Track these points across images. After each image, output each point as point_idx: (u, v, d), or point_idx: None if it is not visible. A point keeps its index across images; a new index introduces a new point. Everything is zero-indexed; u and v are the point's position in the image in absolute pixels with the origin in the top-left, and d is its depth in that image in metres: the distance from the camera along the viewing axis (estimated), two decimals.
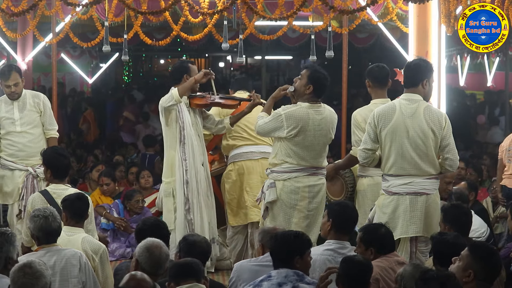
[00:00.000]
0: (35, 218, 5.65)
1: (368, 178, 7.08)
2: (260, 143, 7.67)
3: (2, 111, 8.19)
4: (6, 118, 8.16)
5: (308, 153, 6.81)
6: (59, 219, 5.73)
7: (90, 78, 20.41)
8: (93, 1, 8.62)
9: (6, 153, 8.15)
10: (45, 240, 5.66)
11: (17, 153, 8.11)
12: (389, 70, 7.30)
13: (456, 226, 5.98)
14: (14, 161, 8.10)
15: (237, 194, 7.72)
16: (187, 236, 5.70)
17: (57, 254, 5.60)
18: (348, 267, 4.89)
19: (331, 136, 6.96)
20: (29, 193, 7.87)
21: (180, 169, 7.34)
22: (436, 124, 6.19)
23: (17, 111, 8.16)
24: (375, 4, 8.97)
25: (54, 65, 10.98)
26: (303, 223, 6.83)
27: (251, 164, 7.66)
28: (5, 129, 8.16)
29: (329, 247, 5.77)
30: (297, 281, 5.01)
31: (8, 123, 8.15)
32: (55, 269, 5.52)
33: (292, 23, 10.34)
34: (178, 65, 7.92)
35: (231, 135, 7.72)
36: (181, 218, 7.29)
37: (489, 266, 4.55)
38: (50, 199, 6.76)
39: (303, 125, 6.77)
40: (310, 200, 6.84)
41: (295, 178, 6.82)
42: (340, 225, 5.79)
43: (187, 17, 9.80)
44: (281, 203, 6.84)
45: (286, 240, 5.18)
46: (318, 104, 6.87)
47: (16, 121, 8.14)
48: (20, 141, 8.10)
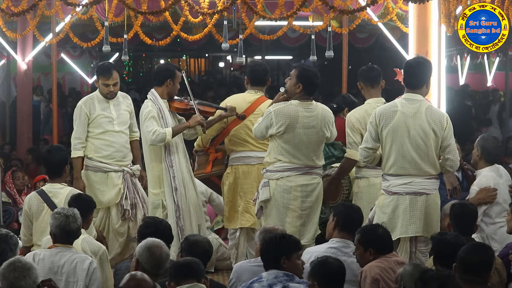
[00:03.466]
0: (57, 215, 5.68)
1: (364, 180, 7.05)
2: (257, 149, 7.63)
3: (97, 109, 7.87)
4: (104, 116, 7.85)
5: (300, 151, 6.80)
6: (80, 221, 5.73)
7: (90, 78, 20.40)
8: (93, 1, 8.61)
9: (101, 155, 7.83)
10: (61, 239, 5.67)
11: (114, 154, 7.84)
12: (380, 71, 7.29)
13: (459, 226, 5.94)
14: (110, 163, 7.83)
15: (232, 197, 7.70)
16: (189, 236, 5.72)
17: (68, 255, 5.60)
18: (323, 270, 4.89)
19: (327, 135, 6.90)
20: (131, 191, 7.79)
21: (168, 176, 7.34)
22: (437, 124, 6.19)
23: (114, 109, 7.89)
24: (375, 4, 8.98)
25: (54, 65, 11.00)
26: (297, 222, 6.81)
27: (247, 169, 7.62)
28: (102, 128, 7.84)
29: (333, 245, 5.80)
30: (287, 281, 5.03)
31: (106, 122, 7.85)
32: (63, 270, 5.54)
33: (292, 23, 10.35)
34: (164, 67, 7.86)
35: (231, 140, 7.70)
36: (173, 226, 7.28)
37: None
38: (46, 198, 6.78)
39: (291, 122, 6.76)
40: (303, 200, 6.82)
41: (287, 177, 6.81)
42: (344, 224, 5.84)
43: (187, 17, 9.81)
44: (274, 202, 6.83)
45: (272, 242, 5.23)
46: (308, 102, 6.86)
47: (114, 120, 7.86)
48: (118, 141, 7.83)
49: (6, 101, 16.61)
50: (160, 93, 7.52)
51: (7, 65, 16.59)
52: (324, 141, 6.95)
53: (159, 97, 7.48)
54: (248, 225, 7.58)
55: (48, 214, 6.62)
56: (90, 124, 7.91)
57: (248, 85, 7.75)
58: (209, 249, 5.57)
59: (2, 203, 8.59)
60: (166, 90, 7.54)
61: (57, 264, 5.55)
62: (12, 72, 16.32)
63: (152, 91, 7.55)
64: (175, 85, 7.56)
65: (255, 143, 7.53)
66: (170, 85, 7.53)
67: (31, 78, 14.11)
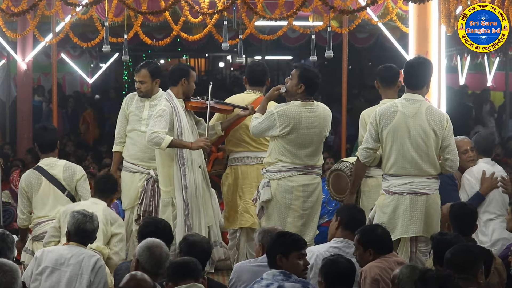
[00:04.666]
0: (76, 213, 5.85)
1: (373, 179, 7.02)
2: (256, 150, 7.62)
3: (133, 106, 7.84)
4: (135, 114, 7.79)
5: (302, 151, 6.82)
6: (97, 224, 5.88)
7: (90, 78, 20.42)
8: (93, 1, 8.61)
9: (128, 154, 7.80)
10: (75, 237, 5.81)
11: (138, 154, 7.74)
12: (397, 70, 7.17)
13: (459, 226, 5.95)
14: (136, 163, 7.75)
15: (231, 198, 7.69)
16: (187, 236, 5.68)
17: (77, 250, 5.75)
18: (332, 269, 4.90)
19: (326, 134, 6.96)
20: (148, 197, 7.60)
21: (178, 175, 7.31)
22: (437, 124, 6.19)
23: (147, 110, 7.74)
24: (375, 4, 8.97)
25: (54, 65, 11.00)
26: (298, 222, 6.82)
27: (246, 169, 7.62)
28: (130, 126, 7.81)
29: (335, 245, 5.81)
30: (282, 280, 4.99)
31: (135, 120, 7.78)
32: (70, 262, 5.70)
33: (292, 23, 10.35)
34: (179, 67, 7.85)
35: (230, 140, 7.69)
36: (181, 224, 7.26)
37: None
38: (43, 171, 7.04)
39: (296, 123, 6.78)
40: (305, 200, 6.84)
41: (289, 177, 6.82)
42: (347, 224, 5.84)
43: (187, 17, 9.81)
44: (275, 202, 6.84)
45: (271, 239, 5.26)
46: (310, 102, 6.88)
47: (143, 120, 7.71)
48: (143, 142, 7.57)
49: (6, 101, 16.62)
50: (175, 92, 7.47)
51: (7, 65, 16.61)
52: (323, 140, 6.98)
53: (174, 96, 7.46)
54: (247, 225, 7.58)
55: (47, 185, 7.00)
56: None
57: (247, 85, 7.76)
58: (208, 249, 5.56)
59: (2, 203, 8.59)
60: (181, 90, 7.50)
61: (64, 256, 5.70)
62: (12, 72, 16.33)
63: (168, 91, 7.52)
64: (190, 84, 7.53)
65: (254, 144, 7.53)
66: (185, 84, 7.49)
67: (31, 78, 14.10)
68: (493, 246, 6.70)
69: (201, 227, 7.33)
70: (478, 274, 4.84)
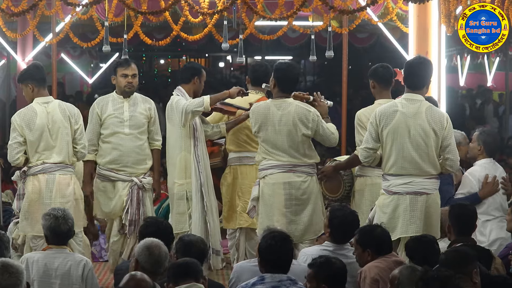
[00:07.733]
0: (47, 216, 5.72)
1: (366, 178, 7.03)
2: (255, 150, 7.62)
3: (110, 109, 7.36)
4: (115, 117, 7.32)
5: (278, 149, 6.83)
6: (71, 222, 5.76)
7: (90, 78, 20.40)
8: (93, 1, 8.62)
9: (106, 160, 7.29)
10: (53, 240, 5.72)
11: (120, 158, 7.27)
12: (393, 71, 7.24)
13: (459, 226, 5.94)
14: (116, 170, 7.30)
15: (230, 198, 7.70)
16: (183, 237, 5.67)
17: (62, 257, 5.63)
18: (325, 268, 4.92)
19: (305, 132, 6.82)
20: (134, 206, 7.21)
21: (196, 171, 7.31)
22: (437, 124, 6.18)
23: (128, 110, 7.37)
24: (375, 4, 8.98)
25: (54, 65, 10.99)
26: (282, 220, 6.78)
27: (245, 170, 7.63)
28: (110, 129, 7.33)
29: (327, 248, 5.81)
30: (290, 284, 5.00)
31: (115, 123, 7.33)
32: (57, 273, 5.57)
33: (292, 23, 10.35)
34: (192, 65, 7.90)
35: (230, 140, 7.70)
36: (198, 221, 7.23)
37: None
38: (38, 107, 6.90)
39: (263, 121, 6.84)
40: (287, 197, 6.81)
41: (270, 175, 6.84)
42: (337, 233, 5.84)
43: (187, 17, 9.81)
44: (262, 201, 6.87)
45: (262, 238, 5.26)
46: (281, 99, 6.89)
47: (125, 121, 7.33)
48: (127, 144, 7.28)
49: (6, 101, 16.62)
50: (186, 90, 7.49)
51: (7, 65, 16.60)
52: (306, 139, 6.87)
53: (186, 93, 7.46)
54: (246, 225, 7.59)
55: (42, 119, 6.84)
56: (101, 126, 7.40)
57: (249, 85, 7.78)
58: (205, 249, 5.56)
59: (2, 203, 8.57)
60: (192, 88, 7.53)
61: (50, 267, 5.57)
62: (12, 72, 16.32)
63: (179, 88, 7.51)
64: (201, 83, 7.59)
65: (253, 144, 7.53)
66: (197, 83, 7.55)
67: None
68: (491, 246, 6.70)
69: (215, 225, 7.35)
70: (473, 274, 4.84)
